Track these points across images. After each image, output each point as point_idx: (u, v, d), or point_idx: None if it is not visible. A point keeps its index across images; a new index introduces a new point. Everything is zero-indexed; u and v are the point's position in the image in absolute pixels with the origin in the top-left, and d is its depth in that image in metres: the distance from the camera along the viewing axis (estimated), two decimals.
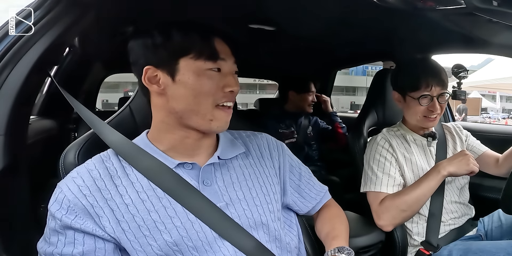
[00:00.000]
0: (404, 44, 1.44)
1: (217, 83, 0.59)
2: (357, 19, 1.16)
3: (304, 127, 1.96)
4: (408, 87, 1.02)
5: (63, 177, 0.63)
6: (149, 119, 0.72)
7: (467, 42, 1.18)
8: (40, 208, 1.28)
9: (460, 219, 1.06)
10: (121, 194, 0.56)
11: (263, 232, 0.62)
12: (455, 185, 1.08)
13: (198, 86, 0.57)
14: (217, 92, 0.59)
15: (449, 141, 1.14)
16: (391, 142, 1.04)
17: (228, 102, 0.61)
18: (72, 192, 0.54)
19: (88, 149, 0.66)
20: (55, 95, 1.67)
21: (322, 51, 1.89)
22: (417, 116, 1.03)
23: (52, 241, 0.53)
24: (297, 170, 0.75)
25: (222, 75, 0.60)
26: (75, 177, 0.56)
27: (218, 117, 0.59)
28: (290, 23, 1.31)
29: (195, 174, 0.61)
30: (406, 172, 1.02)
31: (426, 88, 0.99)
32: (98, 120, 0.67)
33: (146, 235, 0.54)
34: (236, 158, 0.66)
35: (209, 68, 0.58)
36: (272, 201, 0.65)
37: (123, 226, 0.54)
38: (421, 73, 1.00)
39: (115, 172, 0.58)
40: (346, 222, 0.77)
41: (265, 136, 0.74)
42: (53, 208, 0.53)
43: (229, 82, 0.60)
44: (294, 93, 1.91)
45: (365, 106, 1.30)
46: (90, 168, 0.57)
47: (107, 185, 0.56)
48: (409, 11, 0.87)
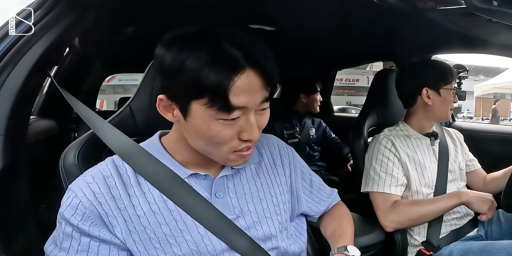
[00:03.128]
0: (404, 44, 1.44)
1: (233, 130, 0.50)
2: (357, 19, 1.16)
3: (307, 128, 1.97)
4: (443, 79, 1.06)
5: (63, 178, 0.63)
6: (150, 119, 0.72)
7: (467, 42, 1.18)
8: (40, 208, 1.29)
9: (462, 220, 1.06)
10: (134, 205, 0.54)
11: (271, 244, 0.61)
12: (455, 185, 1.08)
13: (209, 134, 0.50)
14: (233, 140, 0.51)
15: (450, 143, 1.15)
16: (393, 141, 1.05)
17: (247, 148, 0.54)
18: (88, 199, 0.52)
19: (88, 149, 0.66)
20: (55, 95, 1.67)
21: (322, 51, 1.89)
22: (449, 108, 1.08)
23: (64, 246, 0.52)
24: (308, 176, 0.74)
25: (241, 120, 0.50)
26: (90, 182, 0.54)
27: (235, 160, 0.54)
28: (290, 23, 1.31)
29: (207, 185, 0.59)
30: (410, 171, 1.02)
31: (452, 81, 1.06)
32: (99, 119, 0.66)
33: (156, 247, 0.54)
34: (249, 167, 0.64)
35: (222, 119, 0.49)
36: (281, 212, 0.64)
37: (134, 237, 0.53)
38: (447, 66, 1.08)
39: (128, 180, 0.56)
40: (352, 222, 0.76)
41: (276, 141, 0.72)
42: (67, 213, 0.51)
43: (247, 129, 0.50)
44: (305, 95, 1.93)
45: (366, 106, 1.30)
46: (106, 175, 0.55)
47: (121, 194, 0.54)
48: (410, 11, 0.87)
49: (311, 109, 1.95)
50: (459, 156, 1.14)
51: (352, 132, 1.22)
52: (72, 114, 1.99)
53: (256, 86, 0.48)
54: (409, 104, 1.12)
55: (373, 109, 1.27)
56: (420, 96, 1.07)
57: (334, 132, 2.09)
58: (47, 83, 1.76)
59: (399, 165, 1.02)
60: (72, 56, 1.73)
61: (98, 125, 0.65)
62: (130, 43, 1.63)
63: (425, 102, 1.06)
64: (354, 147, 1.18)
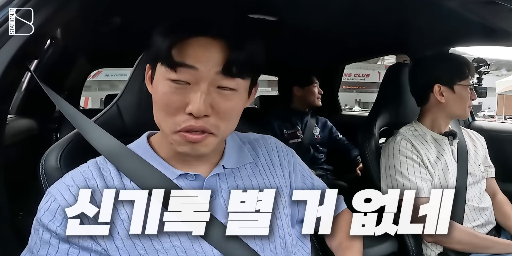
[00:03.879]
0: (419, 35, 1.44)
1: (180, 98, 0.51)
2: (367, 7, 1.16)
3: (310, 127, 1.96)
4: (458, 74, 1.05)
5: (44, 183, 0.63)
6: (139, 119, 0.71)
7: (488, 34, 1.18)
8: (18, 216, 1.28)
9: (483, 228, 1.06)
10: (117, 208, 0.54)
11: (270, 251, 0.61)
12: (476, 189, 1.08)
13: (157, 96, 0.54)
14: (178, 113, 0.52)
15: (469, 143, 1.15)
16: (412, 143, 1.05)
17: (188, 130, 0.52)
18: (68, 203, 0.53)
19: (72, 152, 0.66)
20: (35, 92, 1.67)
21: (328, 43, 1.89)
22: (466, 106, 1.07)
23: (40, 254, 0.52)
24: (309, 180, 0.74)
25: (189, 89, 0.52)
26: (71, 185, 0.54)
27: (179, 142, 0.54)
28: (293, 12, 1.31)
29: (198, 186, 0.59)
30: (432, 175, 1.03)
31: (468, 77, 1.05)
32: (84, 118, 0.66)
33: (142, 254, 0.54)
34: (244, 167, 0.65)
35: (172, 79, 0.51)
36: (281, 216, 0.64)
37: (117, 243, 0.53)
38: (463, 60, 1.07)
39: (112, 182, 0.56)
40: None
41: (274, 141, 0.72)
42: (45, 218, 0.52)
43: (192, 99, 0.50)
44: (299, 88, 1.91)
45: (376, 104, 1.30)
46: (88, 177, 0.56)
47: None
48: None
49: (309, 103, 1.91)
50: (479, 158, 1.14)
51: (362, 132, 1.22)
52: (54, 113, 1.99)
53: (210, 50, 0.52)
54: (422, 102, 1.12)
55: (385, 107, 1.27)
56: (432, 94, 1.07)
57: (342, 132, 2.08)
58: (26, 78, 1.75)
59: (424, 166, 1.03)
60: (53, 49, 1.73)
61: (84, 125, 0.65)
62: (117, 34, 1.63)
63: (438, 100, 1.06)
64: (364, 149, 1.18)
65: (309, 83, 1.90)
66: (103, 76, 16.22)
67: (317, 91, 1.92)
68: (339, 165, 2.02)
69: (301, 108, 1.95)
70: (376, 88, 1.93)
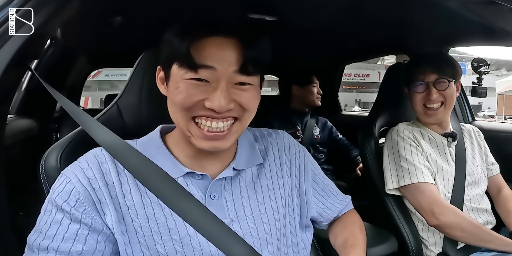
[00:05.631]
0: (419, 35, 1.44)
1: (199, 92, 0.54)
2: (367, 6, 1.16)
3: (310, 127, 1.96)
4: (407, 77, 1.09)
5: (44, 183, 0.63)
6: (139, 119, 0.72)
7: (488, 34, 1.18)
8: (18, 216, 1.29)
9: None
10: (124, 194, 0.56)
11: (268, 252, 0.62)
12: (475, 190, 1.08)
13: (176, 92, 0.55)
14: (196, 105, 0.54)
15: (467, 143, 1.15)
16: (414, 133, 1.07)
17: (204, 118, 0.55)
18: (83, 184, 0.54)
19: (72, 151, 0.66)
20: (35, 92, 1.67)
21: (328, 43, 1.89)
22: (417, 106, 1.08)
23: (49, 233, 0.52)
24: (321, 178, 0.75)
25: (210, 86, 0.54)
26: (85, 168, 0.56)
27: (197, 135, 0.56)
28: (293, 12, 1.31)
29: (203, 185, 0.60)
30: (431, 169, 1.03)
31: (420, 74, 1.05)
32: (87, 116, 0.66)
33: (141, 242, 0.55)
34: (251, 169, 0.65)
35: (193, 78, 0.54)
36: (280, 218, 0.65)
37: (122, 228, 0.55)
38: (419, 61, 1.08)
39: (121, 168, 0.58)
40: (364, 231, 0.77)
41: (288, 137, 0.73)
42: (59, 199, 0.53)
43: (211, 95, 0.53)
44: (298, 87, 1.91)
45: (376, 104, 1.30)
46: (101, 160, 0.58)
47: (114, 181, 0.56)
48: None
49: (308, 102, 1.92)
50: (477, 157, 1.14)
51: (362, 132, 1.22)
52: (54, 113, 1.99)
53: (225, 49, 0.53)
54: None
55: (385, 107, 1.27)
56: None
57: (342, 132, 2.09)
58: (26, 79, 1.75)
59: (425, 157, 1.04)
60: (54, 48, 1.73)
61: (87, 122, 0.65)
62: (118, 34, 1.63)
63: None
64: (364, 149, 1.19)
65: (309, 82, 1.91)
66: (103, 76, 16.22)
67: (317, 91, 1.92)
68: (339, 165, 2.03)
69: (301, 108, 1.95)
70: (376, 88, 1.94)
